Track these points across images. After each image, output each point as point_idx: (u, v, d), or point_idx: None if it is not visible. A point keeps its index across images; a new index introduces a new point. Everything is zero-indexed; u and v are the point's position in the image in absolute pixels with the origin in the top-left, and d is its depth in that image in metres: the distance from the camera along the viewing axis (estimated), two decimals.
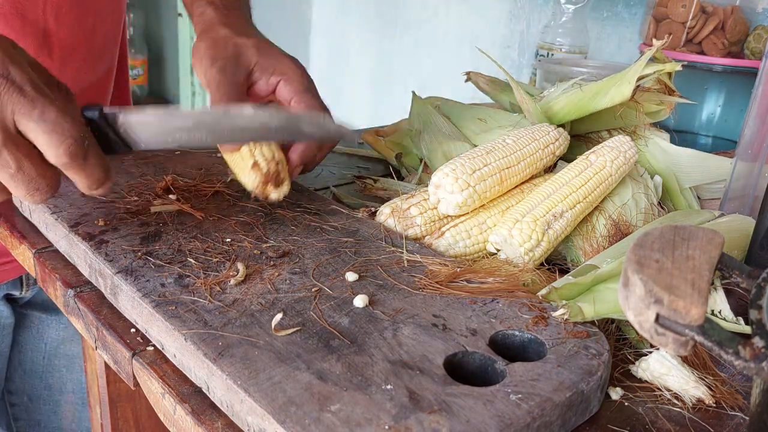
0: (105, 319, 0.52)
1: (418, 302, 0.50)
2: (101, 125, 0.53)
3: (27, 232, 0.65)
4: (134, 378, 0.48)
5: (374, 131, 0.96)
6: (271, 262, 0.55)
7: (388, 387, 0.40)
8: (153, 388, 0.46)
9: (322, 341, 0.44)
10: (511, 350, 0.46)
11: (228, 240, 0.58)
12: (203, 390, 0.44)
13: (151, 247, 0.56)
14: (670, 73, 0.76)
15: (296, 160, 0.65)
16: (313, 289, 0.51)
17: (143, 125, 0.54)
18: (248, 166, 0.61)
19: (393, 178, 0.81)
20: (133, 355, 0.48)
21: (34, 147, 0.48)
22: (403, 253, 0.57)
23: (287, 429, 0.37)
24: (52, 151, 0.48)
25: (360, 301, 0.49)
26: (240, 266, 0.53)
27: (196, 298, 0.49)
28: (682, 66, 0.73)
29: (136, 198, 0.65)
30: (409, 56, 2.02)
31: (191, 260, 0.54)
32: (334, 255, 0.56)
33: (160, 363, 0.47)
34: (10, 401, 0.96)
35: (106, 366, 0.66)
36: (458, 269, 0.54)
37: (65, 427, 0.99)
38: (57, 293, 0.58)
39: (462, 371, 0.43)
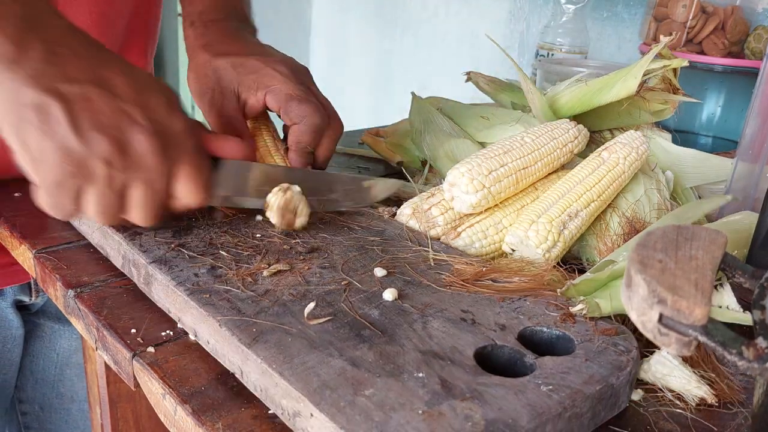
0: (105, 320, 0.52)
1: (446, 298, 0.50)
2: None
3: (27, 232, 0.64)
4: (134, 378, 0.48)
5: (374, 131, 0.96)
6: (301, 257, 0.55)
7: (420, 375, 0.40)
8: (153, 389, 0.46)
9: (354, 331, 0.45)
10: (539, 346, 0.46)
11: (258, 235, 0.59)
12: (236, 375, 0.44)
13: (184, 240, 0.57)
14: (675, 70, 0.76)
15: (294, 156, 0.65)
16: (342, 283, 0.51)
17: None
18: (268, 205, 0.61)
19: (394, 178, 0.81)
20: (134, 356, 0.48)
21: None
22: (428, 251, 0.57)
23: (323, 410, 0.37)
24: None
25: (389, 294, 0.49)
26: (282, 265, 0.53)
27: (229, 288, 0.49)
28: (682, 66, 0.73)
29: None
30: (409, 56, 2.02)
31: (223, 253, 0.55)
32: (362, 252, 0.57)
33: (161, 363, 0.47)
34: (21, 410, 0.96)
35: (106, 366, 0.66)
36: (484, 268, 0.54)
37: None
38: (57, 294, 0.58)
39: (492, 363, 0.43)
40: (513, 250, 0.60)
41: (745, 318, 0.50)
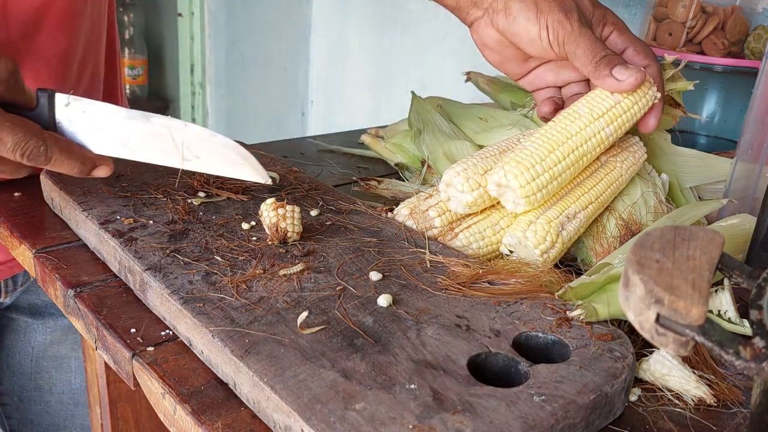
0: (105, 319, 0.52)
1: (441, 302, 0.50)
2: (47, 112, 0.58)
3: (27, 232, 0.65)
4: (134, 378, 0.48)
5: (374, 131, 0.96)
6: (296, 261, 0.55)
7: (412, 386, 0.40)
8: (153, 389, 0.46)
9: (347, 340, 0.45)
10: (534, 352, 0.46)
11: (254, 238, 0.59)
12: (230, 386, 0.44)
13: (179, 244, 0.57)
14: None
15: None
16: (337, 288, 0.51)
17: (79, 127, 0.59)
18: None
19: (393, 177, 0.81)
20: (133, 356, 0.48)
21: None
22: (425, 253, 0.57)
23: (313, 426, 0.37)
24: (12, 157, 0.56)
25: (384, 300, 0.49)
26: (299, 266, 0.53)
27: (222, 296, 0.49)
28: (681, 66, 0.73)
29: (162, 197, 0.66)
30: (409, 56, 2.02)
31: (218, 258, 0.55)
32: (358, 254, 0.57)
33: (161, 363, 0.47)
34: (1, 401, 0.96)
35: (106, 366, 0.66)
36: (480, 270, 0.54)
37: (58, 424, 0.99)
38: (57, 293, 0.58)
39: (485, 372, 0.43)
40: (511, 252, 0.60)
41: (740, 329, 0.50)
